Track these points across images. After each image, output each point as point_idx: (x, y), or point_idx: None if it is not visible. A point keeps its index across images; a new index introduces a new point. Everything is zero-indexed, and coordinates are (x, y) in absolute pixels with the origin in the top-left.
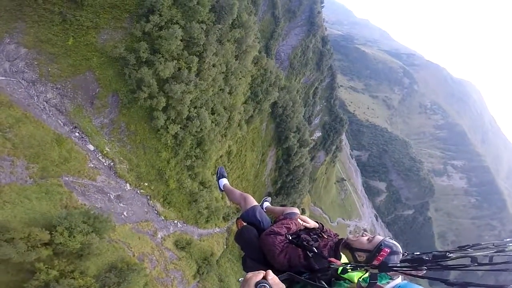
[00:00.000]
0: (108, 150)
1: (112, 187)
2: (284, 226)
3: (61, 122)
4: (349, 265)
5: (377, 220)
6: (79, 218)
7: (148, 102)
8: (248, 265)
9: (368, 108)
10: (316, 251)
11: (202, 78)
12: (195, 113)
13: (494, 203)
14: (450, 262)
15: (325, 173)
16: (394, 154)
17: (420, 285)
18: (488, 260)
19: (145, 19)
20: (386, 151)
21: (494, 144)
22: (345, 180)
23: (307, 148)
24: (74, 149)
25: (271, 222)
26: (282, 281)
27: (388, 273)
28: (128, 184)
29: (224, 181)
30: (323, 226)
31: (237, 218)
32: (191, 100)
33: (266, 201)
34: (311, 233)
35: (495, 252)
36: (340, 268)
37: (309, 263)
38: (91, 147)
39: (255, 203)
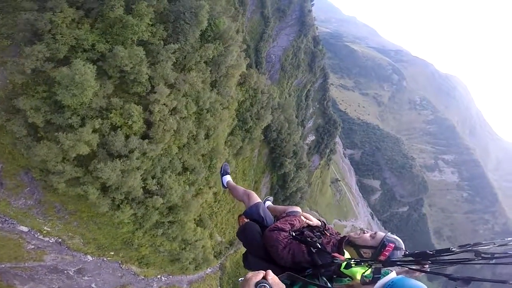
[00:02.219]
0: (49, 229)
1: (69, 262)
2: (288, 223)
3: None
4: (353, 260)
5: (373, 218)
6: None
7: (72, 190)
8: (250, 261)
9: (359, 105)
10: (320, 247)
11: (154, 139)
12: (156, 184)
13: (486, 197)
14: (453, 256)
15: (320, 177)
16: (386, 151)
17: (416, 279)
18: (490, 254)
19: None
20: (379, 148)
21: (482, 136)
22: (340, 180)
23: (305, 170)
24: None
25: (274, 220)
26: (282, 281)
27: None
28: (89, 256)
29: (227, 178)
30: (325, 224)
31: (239, 215)
32: (145, 170)
33: (268, 200)
34: (314, 231)
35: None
36: (344, 263)
37: (313, 259)
38: (24, 229)
39: (258, 200)
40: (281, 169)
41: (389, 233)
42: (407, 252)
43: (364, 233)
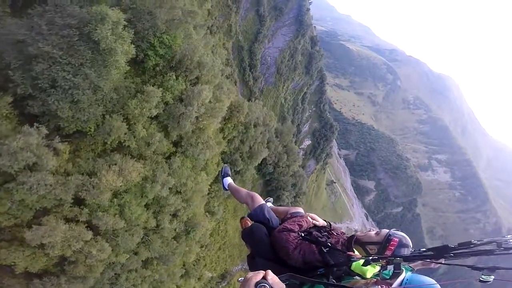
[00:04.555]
0: None
1: None
2: (296, 224)
3: None
4: (371, 257)
5: (367, 219)
6: None
7: None
8: (257, 263)
9: (353, 105)
10: (331, 246)
11: (75, 276)
12: None
13: (477, 196)
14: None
15: (316, 181)
16: (381, 152)
17: (426, 276)
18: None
19: None
20: (374, 149)
21: (473, 135)
22: (335, 182)
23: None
24: None
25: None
26: (285, 281)
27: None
28: None
29: (228, 180)
30: (330, 224)
31: (242, 217)
32: None
33: (268, 201)
34: (321, 231)
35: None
36: (362, 261)
37: (324, 258)
38: None
39: (262, 201)
40: (277, 202)
41: (393, 229)
42: (422, 249)
43: (369, 231)
